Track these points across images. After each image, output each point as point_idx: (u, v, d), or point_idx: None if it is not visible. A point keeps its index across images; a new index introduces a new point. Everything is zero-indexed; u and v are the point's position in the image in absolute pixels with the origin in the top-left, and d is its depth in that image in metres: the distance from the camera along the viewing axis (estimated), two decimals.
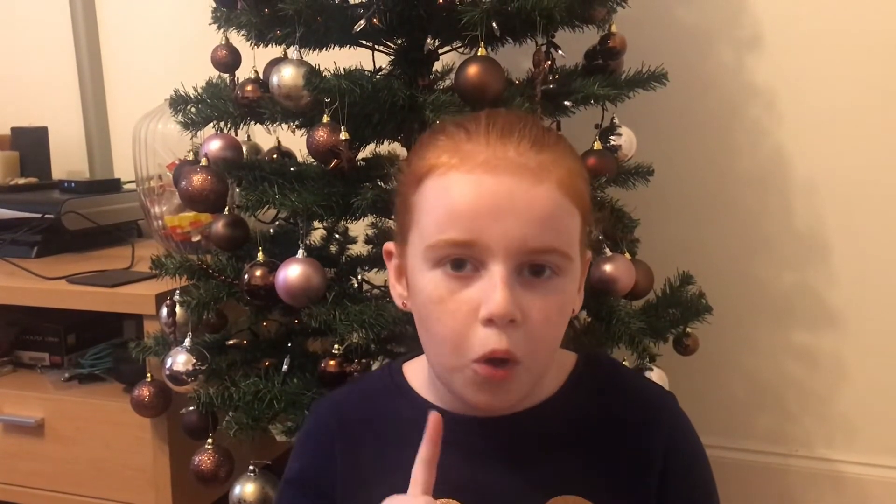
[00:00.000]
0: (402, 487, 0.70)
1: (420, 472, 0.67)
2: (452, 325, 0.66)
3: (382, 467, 0.76)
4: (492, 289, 0.65)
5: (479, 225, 0.65)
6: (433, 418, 0.68)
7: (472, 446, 0.74)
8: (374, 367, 1.32)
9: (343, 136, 1.07)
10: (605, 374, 0.81)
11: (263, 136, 1.39)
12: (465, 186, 0.66)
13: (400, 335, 1.20)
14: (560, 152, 0.69)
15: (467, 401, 0.70)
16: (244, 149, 1.30)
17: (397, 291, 0.76)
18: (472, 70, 1.06)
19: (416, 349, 0.80)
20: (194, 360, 1.19)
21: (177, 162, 1.47)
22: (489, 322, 0.65)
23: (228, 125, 1.23)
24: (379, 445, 0.77)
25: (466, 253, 0.66)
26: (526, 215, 0.65)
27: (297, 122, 1.23)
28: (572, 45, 1.25)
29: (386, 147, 1.31)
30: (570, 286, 0.70)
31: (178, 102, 1.26)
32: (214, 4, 1.24)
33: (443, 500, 0.73)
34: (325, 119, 1.08)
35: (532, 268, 0.67)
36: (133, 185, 1.72)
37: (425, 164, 0.69)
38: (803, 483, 1.68)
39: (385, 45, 1.25)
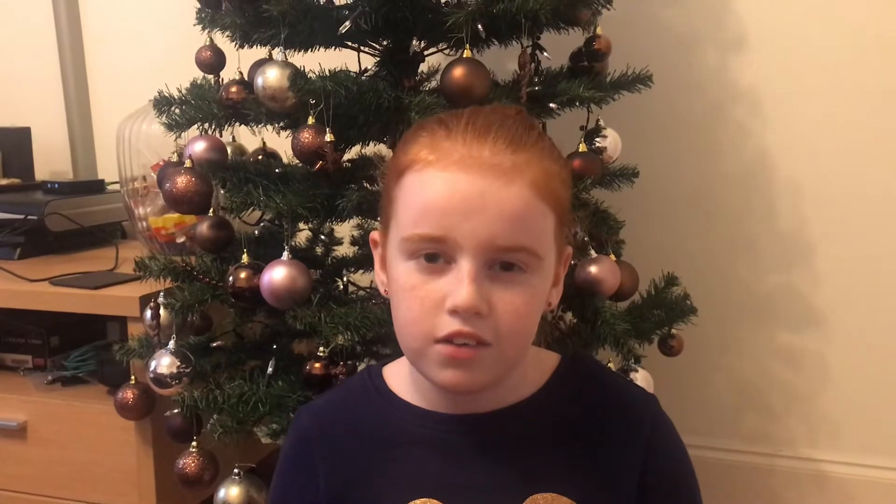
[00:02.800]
0: (386, 490, 0.70)
1: None
2: (419, 311, 0.69)
3: (365, 471, 0.76)
4: (458, 282, 0.67)
5: (451, 222, 0.67)
6: None
7: (451, 444, 0.75)
8: (360, 368, 1.33)
9: (328, 137, 1.07)
10: (587, 376, 0.82)
11: (248, 138, 1.38)
12: (439, 184, 0.68)
13: (385, 337, 1.19)
14: (537, 153, 0.70)
15: (436, 382, 0.71)
16: (229, 150, 1.29)
17: (381, 279, 0.78)
18: (458, 72, 1.06)
19: (400, 352, 0.81)
20: (178, 363, 1.19)
21: (161, 163, 1.46)
22: (454, 313, 0.67)
23: (213, 126, 1.23)
24: (360, 449, 0.78)
25: (438, 248, 0.68)
26: (496, 215, 0.67)
27: (282, 124, 1.22)
28: (557, 47, 1.25)
29: (371, 148, 1.31)
30: (541, 282, 0.72)
31: (163, 103, 1.25)
32: (199, 5, 1.24)
33: (423, 500, 0.73)
34: (311, 120, 1.08)
35: (502, 264, 0.69)
36: (117, 187, 1.70)
37: (406, 159, 0.71)
38: (787, 483, 1.69)
39: (370, 47, 1.25)
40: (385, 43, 1.24)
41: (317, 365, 1.11)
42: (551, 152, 0.73)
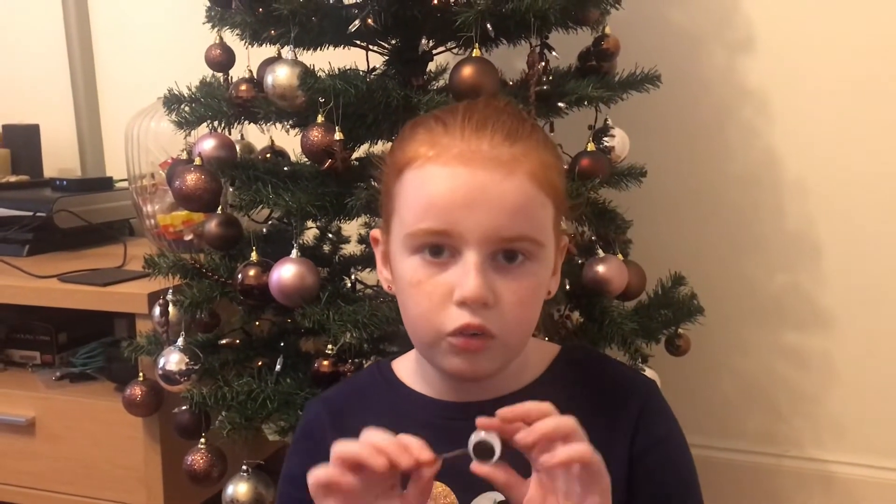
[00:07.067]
0: None
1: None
2: (428, 305, 0.71)
3: None
4: (465, 274, 0.69)
5: (455, 215, 0.69)
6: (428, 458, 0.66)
7: (458, 430, 0.75)
8: (367, 364, 1.33)
9: (337, 136, 1.07)
10: (586, 363, 0.85)
11: (257, 136, 1.39)
12: (441, 179, 0.70)
13: (393, 335, 1.20)
14: (533, 144, 0.73)
15: (445, 370, 0.74)
16: (238, 148, 1.30)
17: (384, 276, 0.80)
18: (467, 71, 1.06)
19: (409, 349, 0.82)
20: (187, 360, 1.19)
21: (170, 160, 1.47)
22: (462, 304, 0.70)
23: (222, 124, 1.23)
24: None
25: (442, 241, 0.70)
26: (498, 206, 0.69)
27: (291, 122, 1.23)
28: (566, 47, 1.25)
29: (380, 147, 1.31)
30: (543, 270, 0.74)
31: (172, 101, 1.25)
32: (209, 3, 1.24)
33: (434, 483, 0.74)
34: (320, 119, 1.08)
35: (505, 253, 0.71)
36: (125, 184, 1.71)
37: (405, 156, 0.73)
38: (794, 483, 1.69)
39: (379, 46, 1.25)
40: (394, 42, 1.24)
41: (325, 363, 1.12)
42: (546, 143, 0.76)
